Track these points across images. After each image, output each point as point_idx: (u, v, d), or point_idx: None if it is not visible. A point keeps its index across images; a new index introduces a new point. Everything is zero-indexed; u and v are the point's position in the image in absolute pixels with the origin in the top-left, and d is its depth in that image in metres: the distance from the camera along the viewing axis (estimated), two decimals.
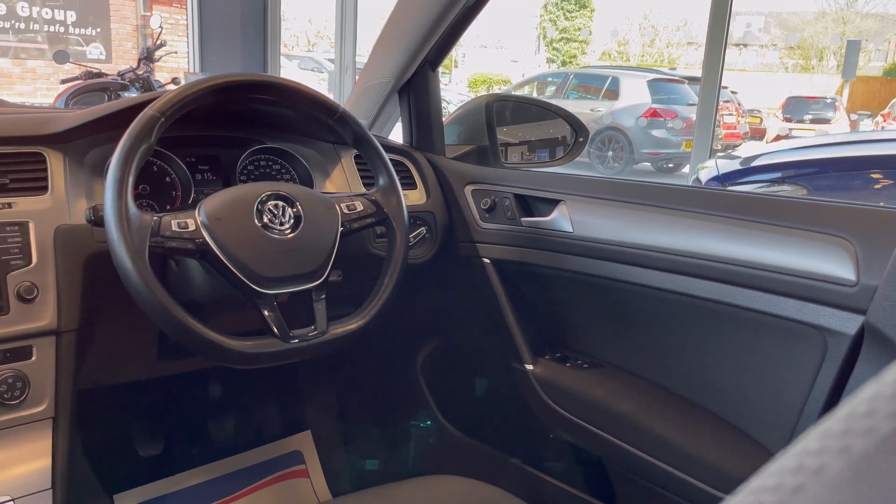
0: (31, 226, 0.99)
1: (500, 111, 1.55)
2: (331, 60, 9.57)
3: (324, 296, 1.05)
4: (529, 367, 1.31)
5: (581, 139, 1.58)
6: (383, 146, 1.18)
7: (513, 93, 9.33)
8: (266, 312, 0.99)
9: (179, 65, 9.09)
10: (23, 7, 8.92)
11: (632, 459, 1.14)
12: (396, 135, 1.59)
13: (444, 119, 1.51)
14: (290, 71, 11.93)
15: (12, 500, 0.92)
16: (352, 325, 1.05)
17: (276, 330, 0.99)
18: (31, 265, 0.98)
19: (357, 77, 6.25)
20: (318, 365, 1.66)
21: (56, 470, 0.98)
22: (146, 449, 1.51)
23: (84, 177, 1.07)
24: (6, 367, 0.96)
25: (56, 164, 1.05)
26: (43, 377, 0.99)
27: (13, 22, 8.85)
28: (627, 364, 1.24)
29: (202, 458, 1.56)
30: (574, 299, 1.30)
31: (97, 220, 0.95)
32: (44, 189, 1.02)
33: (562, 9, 18.32)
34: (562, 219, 1.22)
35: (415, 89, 1.45)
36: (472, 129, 1.53)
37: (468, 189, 1.39)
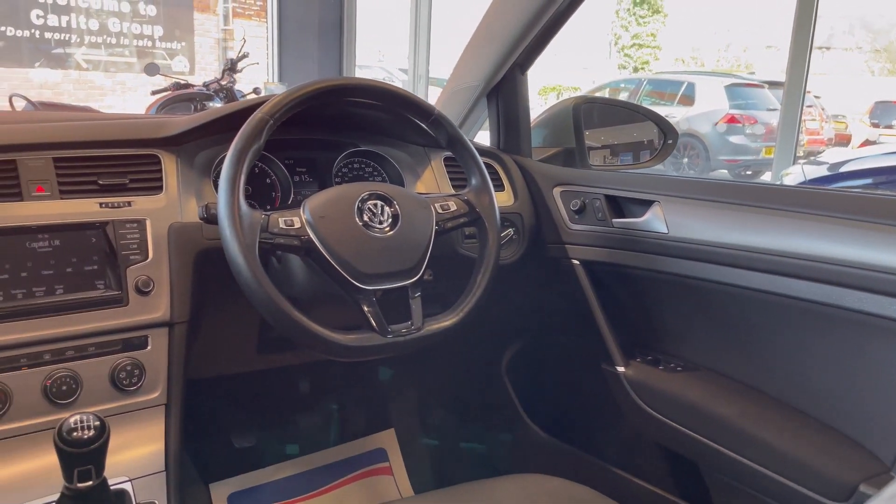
0: (148, 223, 1.05)
1: (587, 113, 1.55)
2: (402, 70, 9.72)
3: (419, 293, 1.07)
4: (621, 368, 1.30)
5: (670, 141, 1.56)
6: (475, 148, 1.20)
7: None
8: (365, 308, 1.02)
9: (258, 75, 9.40)
10: (114, 23, 9.38)
11: (731, 464, 1.12)
12: (480, 139, 1.61)
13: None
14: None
15: (130, 480, 0.97)
16: (446, 321, 1.07)
17: (374, 324, 1.01)
18: (148, 260, 1.04)
19: (429, 85, 6.34)
20: (402, 364, 1.69)
21: (169, 454, 1.03)
22: (241, 440, 1.57)
23: (194, 177, 1.13)
24: (125, 356, 1.02)
25: (169, 166, 1.11)
26: (157, 366, 1.05)
27: (105, 37, 9.33)
28: (723, 367, 1.22)
29: (292, 452, 1.61)
30: (667, 301, 1.28)
31: (210, 218, 1.00)
32: (159, 189, 1.09)
33: (634, 14, 18.06)
34: (655, 220, 1.21)
35: (504, 92, 1.47)
36: (559, 131, 1.53)
37: (557, 191, 1.39)
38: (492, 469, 1.63)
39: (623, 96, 10.81)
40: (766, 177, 8.28)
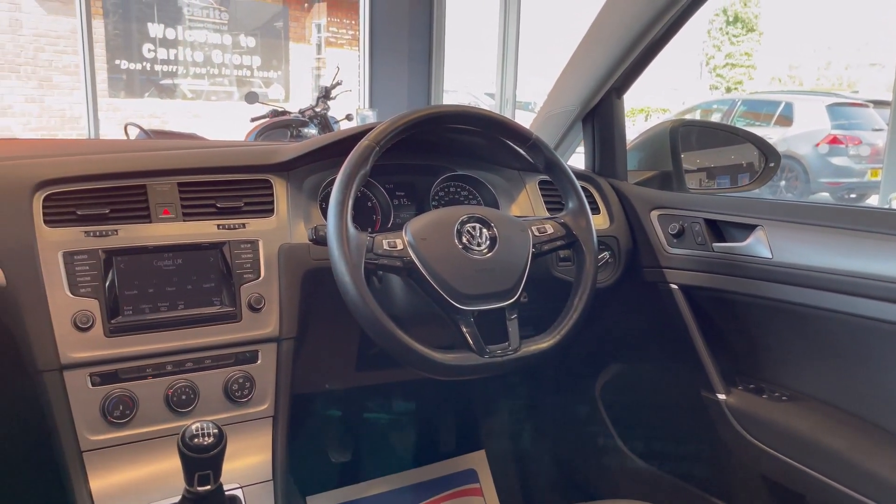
0: (260, 244, 1.12)
1: (685, 136, 1.53)
2: (488, 94, 9.81)
3: (516, 314, 1.09)
4: (721, 396, 1.26)
5: (772, 164, 1.52)
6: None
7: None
8: (464, 328, 1.04)
9: (350, 102, 9.71)
10: (216, 54, 9.93)
11: (842, 499, 1.07)
12: (573, 162, 1.62)
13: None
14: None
15: (241, 487, 1.03)
16: (543, 343, 1.08)
17: (472, 345, 1.03)
18: (260, 279, 1.10)
19: (516, 109, 6.37)
20: (495, 384, 1.70)
21: (276, 464, 1.08)
22: (338, 455, 1.61)
23: (302, 201, 1.19)
24: (237, 369, 1.08)
25: (280, 190, 1.17)
26: (266, 380, 1.10)
27: (208, 68, 9.88)
28: (833, 398, 1.17)
29: (385, 469, 1.65)
30: (771, 327, 1.24)
31: (319, 239, 1.06)
32: (270, 212, 1.15)
33: (726, 34, 17.61)
34: (759, 244, 1.18)
35: (599, 116, 1.47)
36: (655, 154, 1.52)
37: (654, 214, 1.38)
38: (584, 494, 1.61)
39: (715, 117, 10.52)
40: (872, 200, 7.84)
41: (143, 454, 1.01)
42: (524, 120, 1.53)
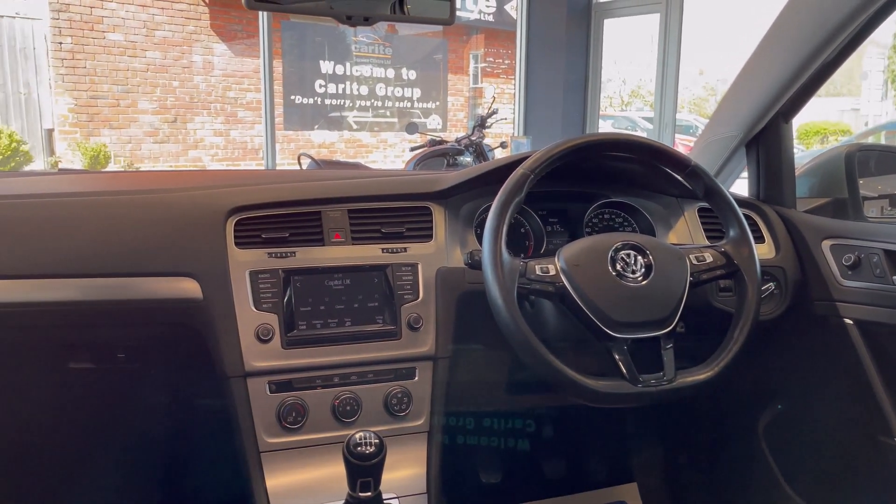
0: (420, 267, 1.18)
1: (863, 162, 1.43)
2: (646, 118, 9.57)
3: (671, 344, 1.06)
4: None
5: None
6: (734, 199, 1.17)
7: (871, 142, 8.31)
8: (616, 355, 1.04)
9: (504, 130, 9.88)
10: (380, 87, 10.50)
11: None
12: (735, 189, 1.56)
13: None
14: (605, 131, 12.17)
15: (398, 497, 1.08)
16: (700, 375, 1.05)
17: (625, 373, 1.03)
18: (419, 300, 1.16)
19: (676, 134, 6.17)
20: (649, 416, 1.66)
21: (430, 478, 1.13)
22: (488, 475, 1.64)
23: (458, 227, 1.25)
24: (396, 384, 1.15)
25: (438, 216, 1.24)
26: (422, 396, 1.16)
27: (372, 101, 10.47)
28: None
29: (533, 494, 1.65)
30: None
31: (474, 264, 1.10)
32: (429, 237, 1.22)
33: None
34: None
35: (765, 142, 1.41)
36: (828, 181, 1.43)
37: (826, 244, 1.30)
38: None
39: None
40: None
41: (311, 458, 1.10)
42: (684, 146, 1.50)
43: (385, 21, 1.27)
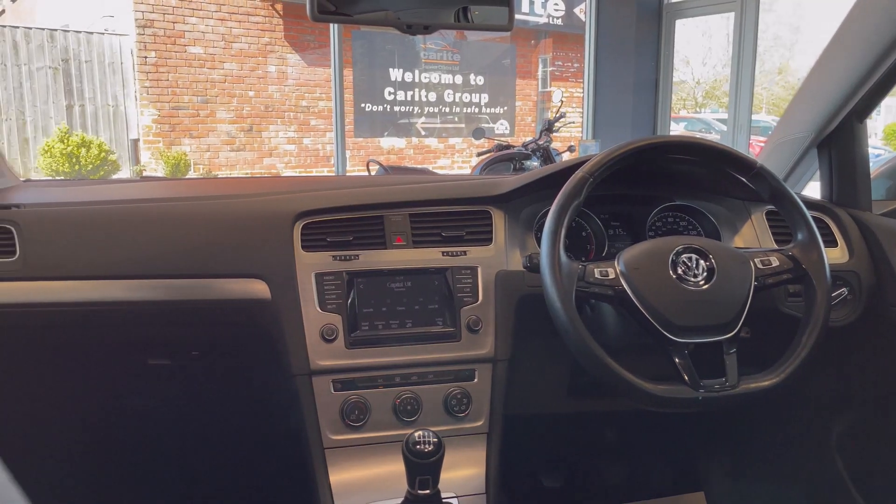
0: (479, 270, 1.20)
1: None
2: (720, 120, 9.31)
3: (734, 349, 1.04)
4: None
5: None
6: (802, 202, 1.14)
7: None
8: (677, 360, 1.02)
9: (572, 134, 9.79)
10: (448, 94, 10.58)
11: None
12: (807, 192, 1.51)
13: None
14: (677, 133, 11.90)
15: (457, 496, 1.10)
16: (765, 382, 1.03)
17: (686, 377, 1.01)
18: (478, 302, 1.18)
19: (751, 136, 5.98)
20: (715, 423, 1.62)
21: (489, 478, 1.14)
22: (549, 479, 1.64)
23: (518, 230, 1.25)
24: (455, 385, 1.17)
25: (498, 220, 1.25)
26: (481, 398, 1.17)
27: (440, 107, 10.56)
28: None
29: (596, 499, 1.64)
30: None
31: (532, 267, 1.11)
32: (489, 240, 1.23)
33: None
34: None
35: (837, 143, 1.37)
36: None
37: None
38: None
39: None
40: None
41: (372, 456, 1.13)
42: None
43: (444, 29, 1.29)
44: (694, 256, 1.07)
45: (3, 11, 14.17)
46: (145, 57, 8.45)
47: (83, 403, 1.35)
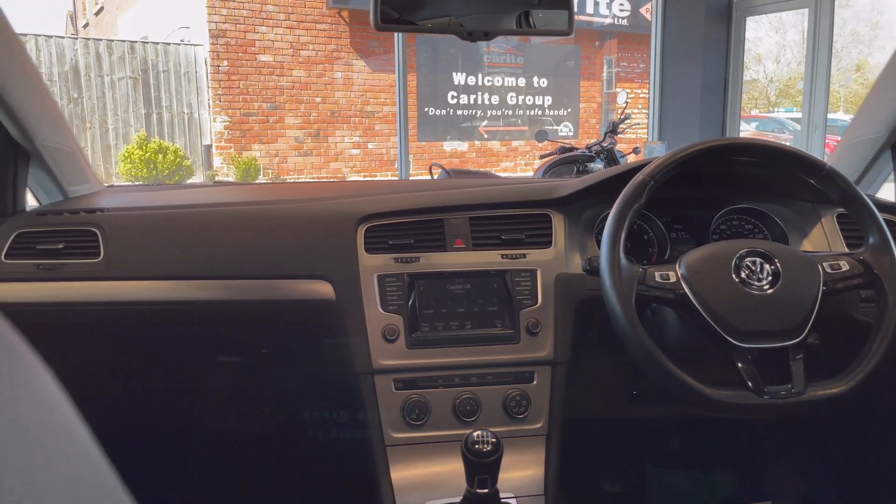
0: (539, 273, 1.21)
1: None
2: (795, 119, 8.99)
3: (801, 355, 1.02)
4: None
5: None
6: (874, 204, 1.10)
7: None
8: (740, 365, 1.01)
9: (638, 135, 9.63)
10: (511, 97, 10.57)
11: None
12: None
13: None
14: (748, 133, 11.54)
15: (515, 497, 1.11)
16: (833, 389, 1.00)
17: (749, 383, 1.00)
18: (537, 305, 1.19)
19: (827, 135, 5.76)
20: (784, 430, 1.57)
21: (548, 480, 1.15)
22: (610, 484, 1.63)
23: (578, 233, 1.26)
24: (514, 387, 1.18)
25: (558, 223, 1.25)
26: (540, 400, 1.18)
27: (503, 110, 10.57)
28: None
29: None
30: None
31: (592, 270, 1.11)
32: (548, 243, 1.24)
33: None
34: None
35: None
36: None
37: None
38: None
39: None
40: None
41: (432, 454, 1.15)
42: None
43: (504, 35, 1.31)
44: (758, 260, 1.05)
45: (87, 25, 14.94)
46: (218, 66, 8.77)
47: (157, 397, 1.42)
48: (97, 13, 13.88)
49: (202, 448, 1.49)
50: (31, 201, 1.30)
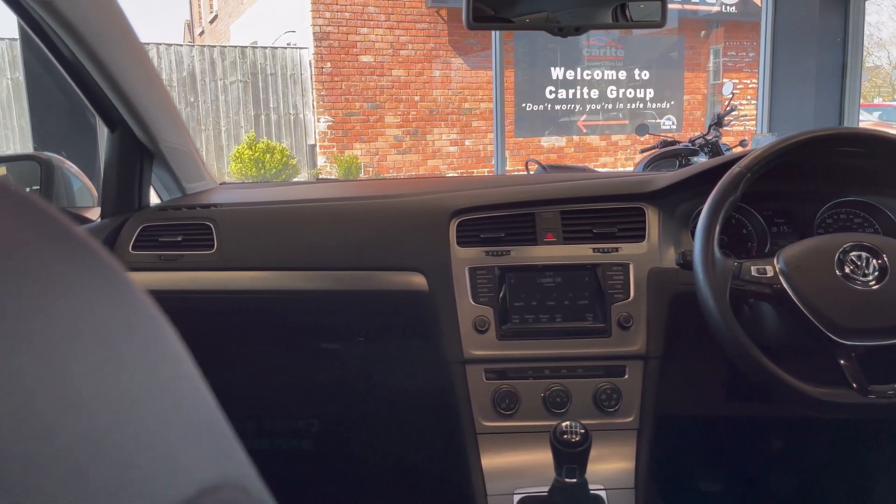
0: (631, 267, 1.20)
1: None
2: None
3: None
4: None
5: None
6: None
7: None
8: (843, 363, 0.97)
9: (746, 128, 9.21)
10: (611, 90, 10.36)
11: None
12: None
13: None
14: (868, 123, 10.80)
15: (605, 489, 1.12)
16: None
17: (853, 382, 0.96)
18: (629, 299, 1.18)
19: None
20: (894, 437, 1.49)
21: (639, 474, 1.14)
22: (706, 483, 1.59)
23: (672, 227, 1.24)
24: (605, 381, 1.18)
25: (652, 217, 1.24)
26: (631, 394, 1.17)
27: (602, 104, 10.37)
28: None
29: None
30: None
31: (685, 264, 1.10)
32: (641, 237, 1.23)
33: None
34: None
35: None
36: None
37: None
38: None
39: None
40: None
41: (522, 443, 1.17)
42: None
43: (595, 29, 1.30)
44: (864, 254, 1.01)
45: (203, 32, 15.83)
46: (321, 67, 9.09)
47: (263, 379, 1.51)
48: (212, 21, 14.69)
49: (301, 429, 1.57)
50: (153, 198, 1.42)
